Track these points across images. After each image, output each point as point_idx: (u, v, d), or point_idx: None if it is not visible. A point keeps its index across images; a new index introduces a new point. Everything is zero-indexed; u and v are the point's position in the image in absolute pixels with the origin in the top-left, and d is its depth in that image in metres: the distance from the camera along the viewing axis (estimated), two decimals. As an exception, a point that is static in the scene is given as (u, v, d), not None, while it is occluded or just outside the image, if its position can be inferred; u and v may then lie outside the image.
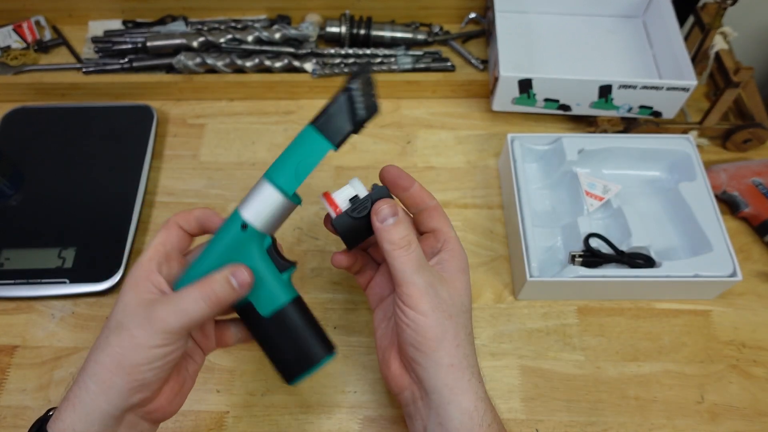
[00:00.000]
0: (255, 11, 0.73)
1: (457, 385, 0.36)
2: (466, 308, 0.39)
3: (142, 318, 0.34)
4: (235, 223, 0.38)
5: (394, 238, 0.37)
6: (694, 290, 0.54)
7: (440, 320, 0.37)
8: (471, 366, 0.37)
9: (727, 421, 0.49)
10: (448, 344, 0.36)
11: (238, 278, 0.36)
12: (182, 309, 0.34)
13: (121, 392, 0.33)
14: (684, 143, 0.59)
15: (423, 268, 0.37)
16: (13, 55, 0.70)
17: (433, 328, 0.36)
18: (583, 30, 0.71)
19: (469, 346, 0.38)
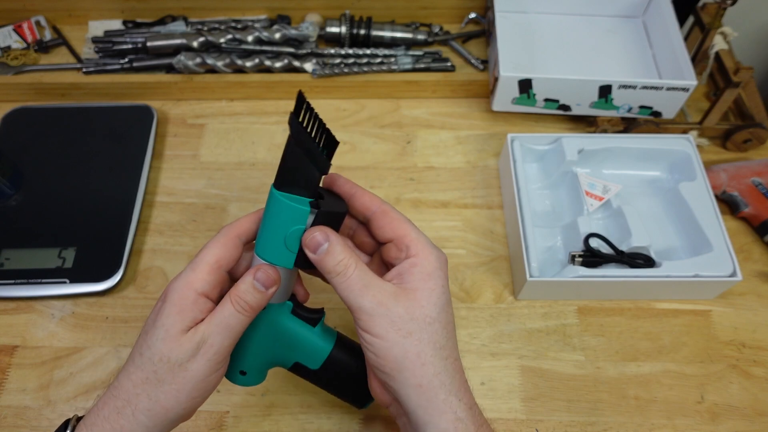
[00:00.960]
0: (255, 11, 0.73)
1: (430, 406, 0.34)
2: (432, 319, 0.35)
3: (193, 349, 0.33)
4: None
5: (329, 266, 0.35)
6: (694, 290, 0.54)
7: (397, 340, 0.34)
8: (444, 384, 0.34)
9: (727, 421, 0.49)
10: (411, 364, 0.34)
11: (261, 280, 0.35)
12: (228, 326, 0.34)
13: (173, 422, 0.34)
14: (684, 143, 0.59)
15: (368, 288, 0.35)
16: (14, 55, 0.70)
17: (390, 350, 0.34)
18: (583, 30, 0.71)
19: (439, 362, 0.35)
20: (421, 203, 0.61)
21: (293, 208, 0.34)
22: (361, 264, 0.35)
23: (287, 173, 0.34)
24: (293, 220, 0.35)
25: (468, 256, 0.58)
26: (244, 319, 0.34)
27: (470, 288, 0.56)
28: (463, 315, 0.54)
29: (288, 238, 0.35)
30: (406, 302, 0.35)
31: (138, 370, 0.34)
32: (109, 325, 0.54)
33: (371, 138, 0.67)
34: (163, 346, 0.33)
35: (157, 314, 0.34)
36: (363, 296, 0.34)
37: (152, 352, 0.34)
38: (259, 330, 0.38)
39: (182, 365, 0.33)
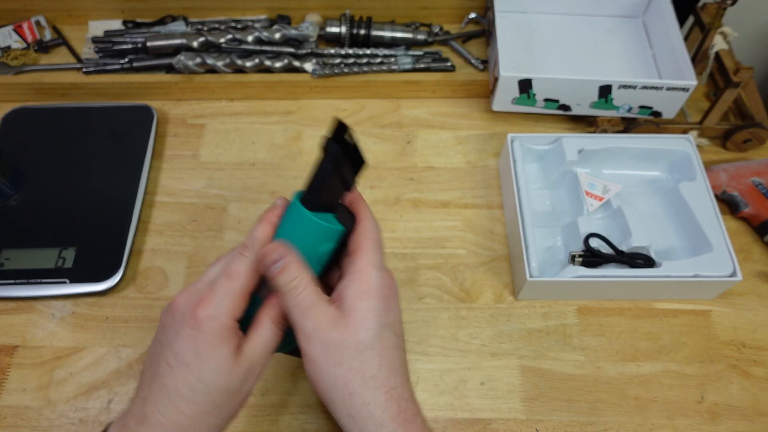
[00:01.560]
0: (255, 11, 0.73)
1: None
2: (363, 346, 0.34)
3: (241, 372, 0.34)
4: None
5: (281, 283, 0.34)
6: (694, 290, 0.54)
7: (328, 369, 0.34)
8: (373, 416, 0.33)
9: (727, 421, 0.49)
10: (340, 394, 0.33)
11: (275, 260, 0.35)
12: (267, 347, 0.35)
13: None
14: (684, 143, 0.59)
15: (311, 310, 0.34)
16: (14, 55, 0.70)
17: (321, 377, 0.34)
18: (583, 30, 0.71)
19: (368, 393, 0.33)
20: (421, 203, 0.61)
21: (326, 229, 0.35)
22: (311, 285, 0.35)
23: (318, 194, 0.35)
24: (325, 239, 0.35)
25: (468, 256, 0.58)
26: (278, 331, 0.36)
27: (470, 288, 0.56)
28: (463, 315, 0.54)
29: (321, 256, 0.36)
30: (341, 328, 0.34)
31: (193, 404, 0.33)
32: (109, 325, 0.54)
33: (371, 138, 0.67)
34: (220, 378, 0.33)
35: (197, 345, 0.33)
36: (305, 318, 0.34)
37: (208, 386, 0.33)
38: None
39: (238, 390, 0.34)
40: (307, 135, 0.67)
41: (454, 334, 0.53)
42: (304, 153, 0.65)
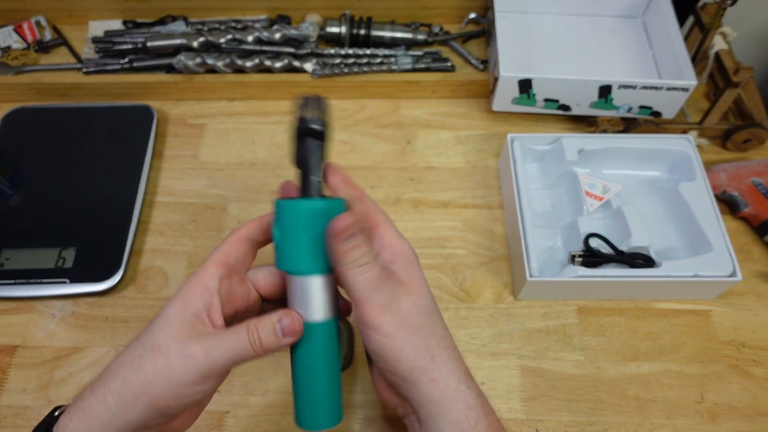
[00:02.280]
0: (255, 11, 0.73)
1: (442, 398, 0.34)
2: (430, 309, 0.35)
3: (183, 346, 0.32)
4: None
5: (355, 257, 0.33)
6: (694, 290, 0.54)
7: (407, 338, 0.33)
8: (454, 374, 0.34)
9: (727, 421, 0.49)
10: (422, 360, 0.33)
11: (283, 327, 0.34)
12: (231, 348, 0.32)
13: (140, 418, 0.31)
14: (684, 143, 0.59)
15: (383, 284, 0.34)
16: (14, 55, 0.70)
17: (401, 349, 0.33)
18: (583, 30, 0.71)
19: (445, 352, 0.34)
20: (421, 203, 0.61)
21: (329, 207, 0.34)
22: (377, 261, 0.35)
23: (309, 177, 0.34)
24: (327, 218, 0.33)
25: (468, 256, 0.58)
26: (251, 353, 0.33)
27: (470, 288, 0.56)
28: (463, 315, 0.54)
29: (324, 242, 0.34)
30: (410, 295, 0.34)
31: (126, 352, 0.33)
32: (109, 325, 0.54)
33: (371, 138, 0.67)
34: (160, 334, 0.32)
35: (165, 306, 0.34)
36: (378, 292, 0.33)
37: (147, 338, 0.32)
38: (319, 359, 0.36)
39: (168, 361, 0.31)
40: (307, 135, 0.67)
41: (454, 334, 0.53)
42: (304, 153, 0.65)
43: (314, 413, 0.36)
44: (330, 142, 0.35)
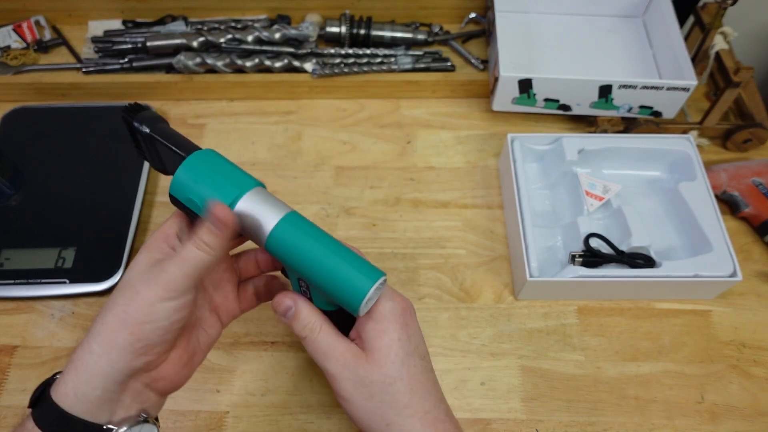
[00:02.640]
0: (255, 11, 0.73)
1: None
2: (392, 379, 0.35)
3: (148, 275, 0.33)
4: None
5: (297, 329, 0.37)
6: (694, 290, 0.54)
7: (362, 404, 0.35)
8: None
9: (727, 421, 0.49)
10: (377, 426, 0.35)
11: (213, 221, 0.34)
12: (183, 257, 0.33)
13: (124, 352, 0.32)
14: (684, 143, 0.59)
15: (332, 351, 0.36)
16: (13, 55, 0.70)
17: (357, 413, 0.36)
18: (583, 30, 0.71)
19: (404, 421, 0.35)
20: (421, 203, 0.61)
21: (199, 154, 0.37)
22: (326, 326, 0.37)
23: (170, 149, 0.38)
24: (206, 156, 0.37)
25: (468, 256, 0.58)
26: (199, 255, 0.33)
27: (470, 288, 0.56)
28: (463, 315, 0.54)
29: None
30: (366, 365, 0.36)
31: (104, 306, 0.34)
32: (109, 325, 0.54)
33: (371, 138, 0.66)
34: (130, 274, 0.35)
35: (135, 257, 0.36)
36: (328, 359, 0.36)
37: (121, 283, 0.35)
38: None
39: (136, 288, 0.33)
40: (307, 135, 0.67)
41: (454, 334, 0.53)
42: (304, 153, 0.65)
43: (352, 286, 0.35)
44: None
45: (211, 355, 0.52)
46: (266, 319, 0.54)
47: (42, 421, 0.32)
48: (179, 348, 0.37)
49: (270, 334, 0.53)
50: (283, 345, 0.53)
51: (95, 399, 0.32)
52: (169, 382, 0.36)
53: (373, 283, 0.34)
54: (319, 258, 0.35)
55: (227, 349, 0.52)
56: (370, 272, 0.35)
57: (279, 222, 0.35)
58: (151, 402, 0.36)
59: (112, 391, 0.33)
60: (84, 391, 0.32)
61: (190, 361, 0.38)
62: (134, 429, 0.34)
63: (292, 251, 0.35)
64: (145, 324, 0.32)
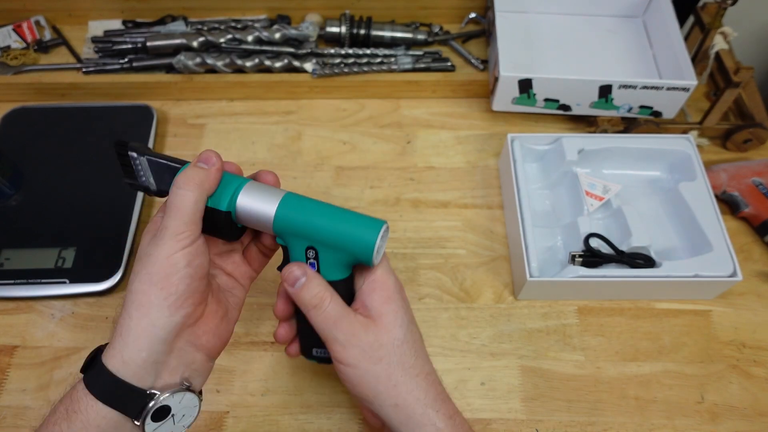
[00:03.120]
0: (255, 11, 0.73)
1: (410, 422, 0.36)
2: (399, 341, 0.37)
3: (156, 239, 0.35)
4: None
5: (306, 299, 0.37)
6: (694, 290, 0.54)
7: (369, 368, 0.36)
8: (419, 400, 0.37)
9: (727, 421, 0.49)
10: (384, 387, 0.36)
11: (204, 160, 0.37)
12: (172, 207, 0.35)
13: (160, 308, 0.34)
14: (684, 143, 0.59)
15: (341, 321, 0.37)
16: (13, 55, 0.70)
17: (363, 377, 0.37)
18: (583, 30, 0.71)
19: (410, 380, 0.37)
20: (421, 203, 0.61)
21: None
22: (335, 297, 0.38)
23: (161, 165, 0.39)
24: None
25: (468, 256, 0.58)
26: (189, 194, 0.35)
27: (470, 288, 0.56)
28: (463, 315, 0.54)
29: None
30: (375, 330, 0.37)
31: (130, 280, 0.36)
32: (109, 325, 0.54)
33: (371, 138, 0.67)
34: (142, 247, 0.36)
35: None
36: (336, 329, 0.37)
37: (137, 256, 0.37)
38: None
39: (149, 252, 0.35)
40: (307, 135, 0.67)
41: (454, 334, 0.53)
42: (304, 153, 0.65)
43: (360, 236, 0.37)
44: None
45: (211, 355, 0.52)
46: (266, 319, 0.54)
47: (92, 385, 0.34)
48: (212, 303, 0.38)
49: (270, 334, 0.53)
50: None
51: (141, 362, 0.34)
52: (212, 336, 0.38)
53: (380, 229, 0.37)
54: (328, 220, 0.37)
55: (227, 349, 0.52)
56: (373, 222, 0.38)
57: (283, 197, 0.38)
58: (197, 364, 0.37)
59: (158, 352, 0.34)
60: (130, 355, 0.34)
61: (226, 317, 0.39)
62: (176, 395, 0.35)
63: (300, 222, 0.37)
64: (170, 276, 0.34)
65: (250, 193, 0.38)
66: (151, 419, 0.34)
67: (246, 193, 0.38)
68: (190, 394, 0.36)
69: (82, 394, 0.34)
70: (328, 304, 0.37)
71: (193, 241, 0.35)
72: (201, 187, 0.36)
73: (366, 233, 0.37)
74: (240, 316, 0.42)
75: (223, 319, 0.39)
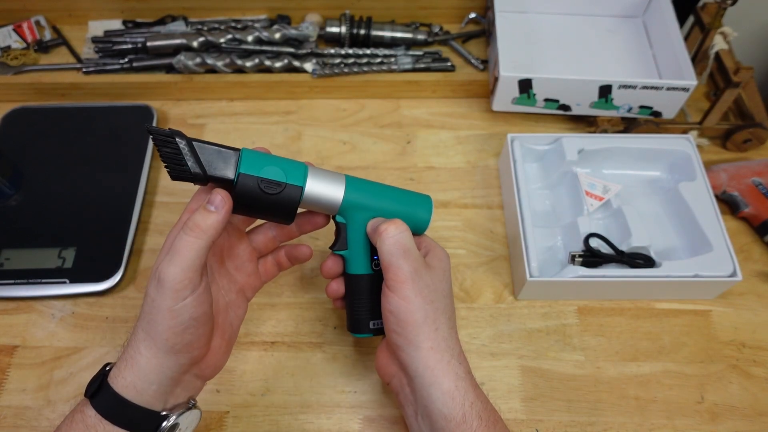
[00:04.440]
0: (255, 11, 0.73)
1: (437, 367, 0.38)
2: (446, 293, 0.41)
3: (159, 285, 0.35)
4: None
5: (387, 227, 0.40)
6: (694, 290, 0.54)
7: (421, 305, 0.38)
8: (450, 348, 0.39)
9: (727, 421, 0.49)
10: (428, 328, 0.38)
11: (212, 203, 0.37)
12: (174, 252, 0.35)
13: (167, 355, 0.36)
14: (684, 143, 0.59)
15: (410, 253, 0.39)
16: (13, 55, 0.70)
17: (413, 313, 0.38)
18: (583, 30, 0.71)
19: (448, 330, 0.40)
20: (421, 203, 0.61)
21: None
22: (409, 232, 0.40)
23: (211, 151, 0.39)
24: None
25: (468, 256, 0.58)
26: (192, 241, 0.35)
27: (470, 288, 0.56)
28: (463, 315, 0.54)
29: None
30: (433, 274, 0.40)
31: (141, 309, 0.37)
32: (109, 325, 0.54)
33: (371, 138, 0.67)
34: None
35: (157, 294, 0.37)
36: (405, 258, 0.39)
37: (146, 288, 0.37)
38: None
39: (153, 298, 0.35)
40: (307, 135, 0.67)
41: (454, 334, 0.53)
42: (304, 153, 0.65)
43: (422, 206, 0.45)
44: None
45: (211, 355, 0.52)
46: (266, 319, 0.54)
47: (106, 412, 0.35)
48: (217, 336, 0.40)
49: (270, 334, 0.53)
50: (283, 345, 0.53)
51: (152, 392, 0.36)
52: (214, 367, 0.41)
53: (431, 205, 0.45)
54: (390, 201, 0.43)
55: (227, 349, 0.53)
56: (425, 200, 0.45)
57: (347, 184, 0.42)
58: (197, 389, 0.40)
59: (167, 385, 0.37)
60: (143, 386, 0.36)
61: (228, 343, 0.42)
62: (185, 414, 0.38)
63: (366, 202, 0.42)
64: (174, 327, 0.35)
65: (315, 176, 0.41)
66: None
67: (313, 176, 0.40)
68: (195, 411, 0.40)
69: (96, 419, 0.35)
70: (406, 231, 0.40)
71: (194, 290, 0.35)
72: (206, 233, 0.36)
73: (423, 211, 0.44)
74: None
75: (225, 347, 0.41)
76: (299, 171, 0.40)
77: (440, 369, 0.38)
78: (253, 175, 0.38)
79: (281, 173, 0.39)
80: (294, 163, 0.41)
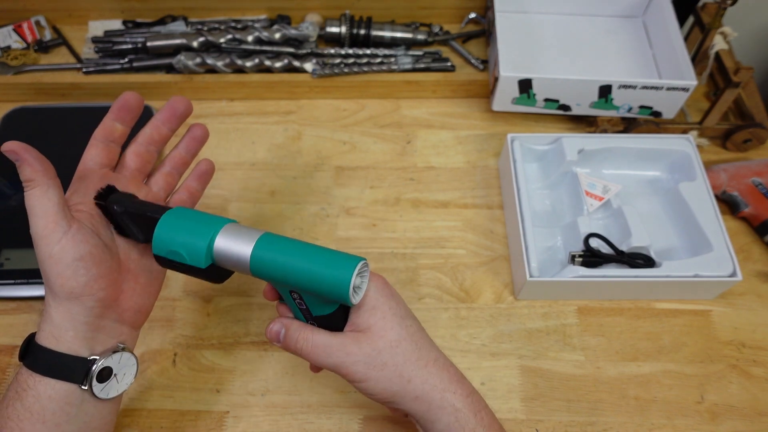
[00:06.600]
0: (255, 11, 0.73)
1: (430, 409, 0.38)
2: (396, 341, 0.38)
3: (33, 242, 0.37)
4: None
5: (292, 345, 0.39)
6: (694, 290, 0.54)
7: (378, 376, 0.37)
8: (435, 386, 0.38)
9: (727, 421, 0.49)
10: (398, 387, 0.38)
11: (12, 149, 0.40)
12: (29, 209, 0.38)
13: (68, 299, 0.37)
14: (684, 143, 0.59)
15: (331, 347, 0.38)
16: (13, 55, 0.70)
17: (377, 385, 0.38)
18: (583, 30, 0.71)
19: (422, 372, 0.38)
20: (421, 203, 0.61)
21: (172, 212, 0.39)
22: (317, 331, 0.39)
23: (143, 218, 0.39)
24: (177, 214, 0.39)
25: (468, 256, 0.58)
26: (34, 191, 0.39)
27: (470, 288, 0.56)
28: (463, 315, 0.54)
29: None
30: (367, 341, 0.38)
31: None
32: (109, 325, 0.54)
33: (371, 138, 0.67)
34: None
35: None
36: (332, 356, 0.38)
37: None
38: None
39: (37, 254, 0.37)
40: (307, 135, 0.67)
41: (454, 334, 0.53)
42: (304, 153, 0.65)
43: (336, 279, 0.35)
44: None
45: (211, 355, 0.52)
46: (266, 319, 0.54)
47: (34, 365, 0.37)
48: (130, 280, 0.40)
49: (270, 334, 0.53)
50: (283, 345, 0.53)
51: (71, 338, 0.37)
52: (136, 312, 0.41)
53: (353, 269, 0.35)
54: (300, 264, 0.36)
55: (227, 349, 0.52)
56: (348, 261, 0.35)
57: (255, 244, 0.36)
58: (125, 335, 0.41)
59: (85, 331, 0.37)
60: (59, 333, 0.37)
61: (147, 290, 0.42)
62: (114, 356, 0.39)
63: (274, 266, 0.36)
64: (62, 273, 0.36)
65: (227, 234, 0.37)
66: (96, 381, 0.38)
67: (224, 234, 0.37)
68: (126, 354, 0.40)
69: (27, 375, 0.37)
70: (312, 338, 0.38)
71: (66, 232, 0.36)
72: (43, 180, 0.39)
73: (340, 277, 0.35)
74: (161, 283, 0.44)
75: (143, 294, 0.41)
76: (201, 250, 0.37)
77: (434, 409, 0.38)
78: (161, 256, 0.38)
79: (184, 255, 0.37)
80: (202, 235, 0.37)
